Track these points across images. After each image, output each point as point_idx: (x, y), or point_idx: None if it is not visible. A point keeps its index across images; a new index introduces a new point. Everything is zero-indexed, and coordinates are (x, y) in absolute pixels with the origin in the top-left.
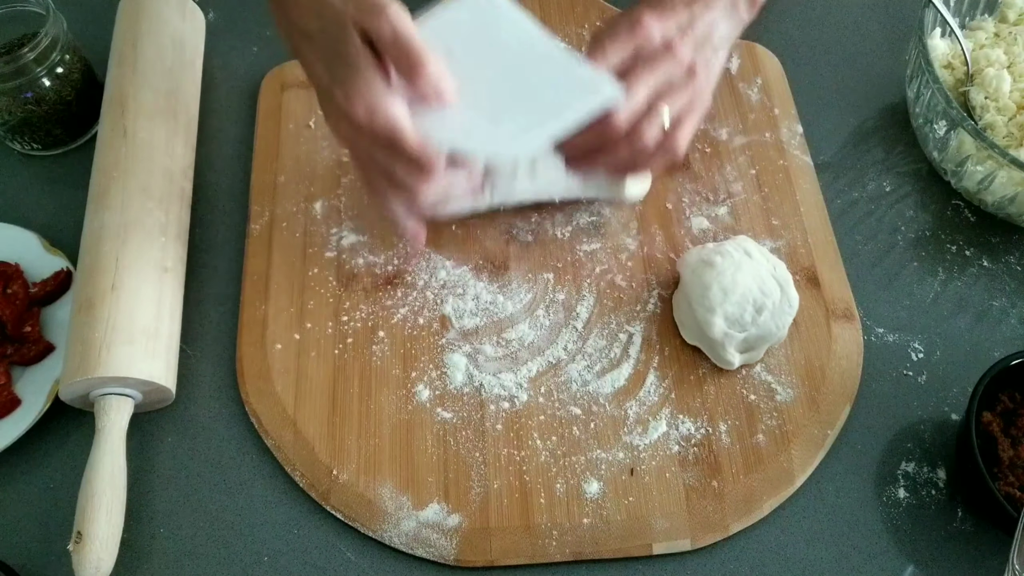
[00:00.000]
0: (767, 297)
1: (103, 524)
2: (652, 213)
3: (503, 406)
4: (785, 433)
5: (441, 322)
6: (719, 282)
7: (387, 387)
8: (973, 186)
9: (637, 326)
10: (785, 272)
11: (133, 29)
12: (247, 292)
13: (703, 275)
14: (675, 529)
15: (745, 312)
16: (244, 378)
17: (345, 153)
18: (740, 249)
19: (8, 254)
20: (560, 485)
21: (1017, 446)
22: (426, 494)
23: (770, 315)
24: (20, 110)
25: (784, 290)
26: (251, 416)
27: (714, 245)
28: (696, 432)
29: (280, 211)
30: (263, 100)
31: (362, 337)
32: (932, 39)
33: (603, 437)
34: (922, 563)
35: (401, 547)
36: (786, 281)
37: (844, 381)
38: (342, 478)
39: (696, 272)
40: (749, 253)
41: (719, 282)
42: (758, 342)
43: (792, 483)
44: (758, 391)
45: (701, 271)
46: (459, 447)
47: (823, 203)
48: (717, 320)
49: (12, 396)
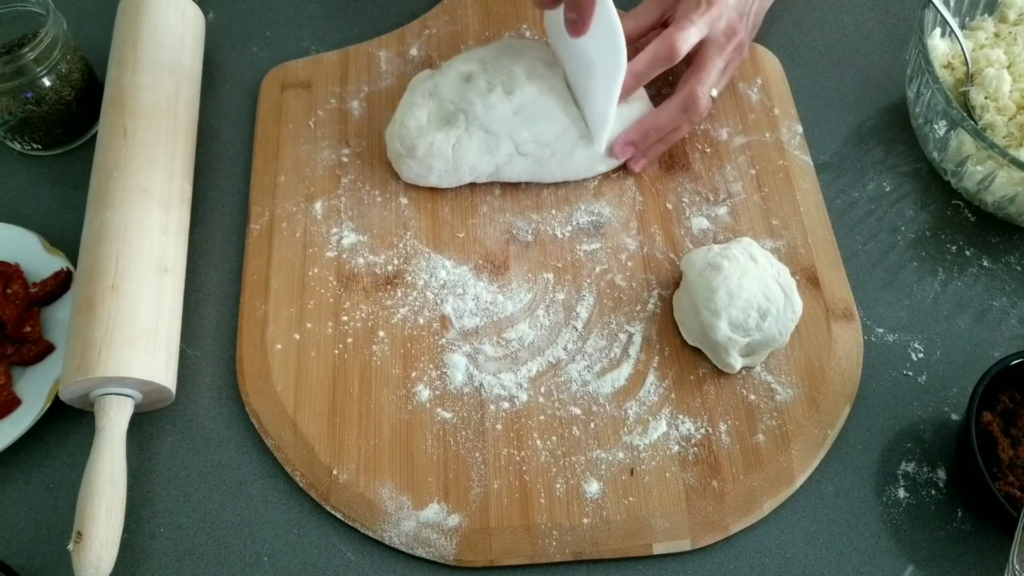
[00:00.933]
0: (771, 303)
1: (103, 524)
2: (652, 213)
3: (503, 406)
4: (785, 433)
5: (441, 322)
6: (725, 286)
7: (387, 387)
8: (973, 186)
9: (637, 326)
10: (789, 277)
11: (133, 29)
12: (247, 292)
13: (710, 279)
14: (675, 529)
15: (749, 317)
16: (244, 378)
17: (345, 153)
18: (745, 253)
19: (8, 254)
20: (560, 485)
21: (1017, 446)
22: (426, 494)
23: (774, 321)
24: (20, 110)
25: (788, 296)
26: (251, 416)
27: (719, 248)
28: (696, 432)
29: (280, 211)
30: (263, 100)
31: (362, 337)
32: (932, 39)
33: (603, 437)
34: (922, 563)
35: (401, 547)
36: (790, 287)
37: (844, 381)
38: (342, 478)
39: (703, 275)
40: (754, 258)
41: (725, 286)
42: (760, 347)
43: (792, 483)
44: (758, 391)
45: (708, 274)
46: (459, 447)
47: (823, 203)
48: (721, 324)
49: (12, 396)
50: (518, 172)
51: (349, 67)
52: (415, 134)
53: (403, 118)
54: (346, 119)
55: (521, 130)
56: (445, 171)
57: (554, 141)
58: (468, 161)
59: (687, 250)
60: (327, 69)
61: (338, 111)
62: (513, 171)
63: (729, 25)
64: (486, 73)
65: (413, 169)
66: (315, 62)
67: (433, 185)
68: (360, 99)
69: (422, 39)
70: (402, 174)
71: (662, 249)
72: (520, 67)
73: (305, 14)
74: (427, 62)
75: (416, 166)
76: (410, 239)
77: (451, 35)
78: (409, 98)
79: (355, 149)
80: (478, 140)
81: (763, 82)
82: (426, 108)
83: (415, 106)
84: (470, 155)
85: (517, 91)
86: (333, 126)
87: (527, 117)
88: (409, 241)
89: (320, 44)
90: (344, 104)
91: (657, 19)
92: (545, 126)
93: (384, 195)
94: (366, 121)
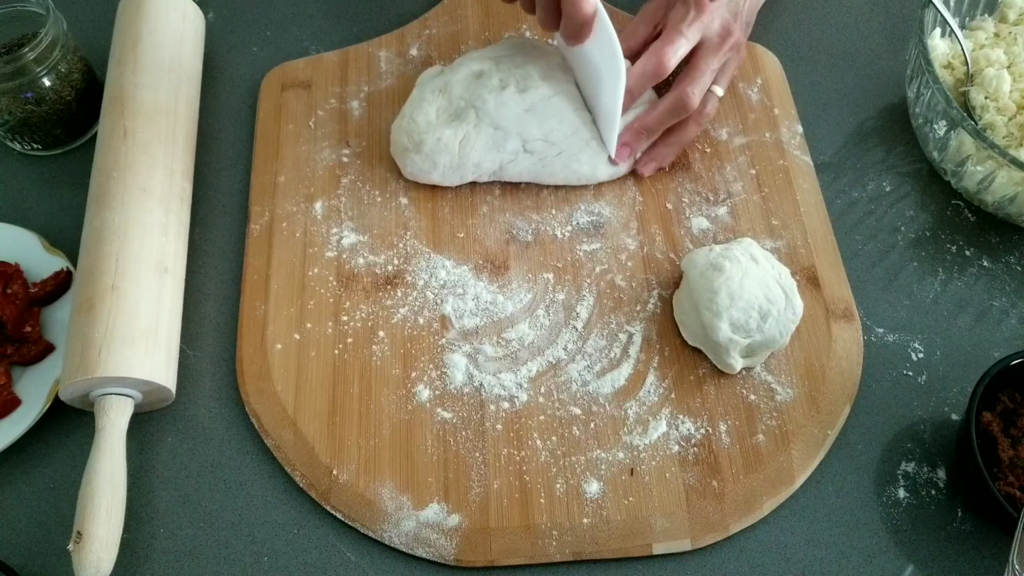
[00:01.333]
0: (772, 304)
1: (103, 524)
2: (652, 213)
3: (503, 406)
4: (785, 433)
5: (441, 322)
6: (727, 287)
7: (387, 387)
8: (973, 186)
9: (637, 326)
10: (790, 279)
11: (133, 29)
12: (247, 292)
13: (712, 279)
14: (675, 529)
15: (751, 318)
16: (244, 378)
17: (345, 153)
18: (747, 254)
19: (8, 254)
20: (560, 485)
21: (1017, 446)
22: (426, 494)
23: (775, 322)
24: (20, 110)
25: (789, 297)
26: (251, 416)
27: (721, 248)
28: (696, 432)
29: (280, 211)
30: (263, 100)
31: (362, 337)
32: (932, 39)
33: (603, 437)
34: (922, 563)
35: (401, 547)
36: (791, 288)
37: (844, 381)
38: (342, 478)
39: (704, 275)
40: (755, 259)
41: (727, 287)
42: (761, 348)
43: (792, 483)
44: (758, 391)
45: (709, 275)
46: (459, 447)
47: (823, 203)
48: (723, 325)
49: (12, 396)
50: (520, 171)
51: (349, 67)
52: (423, 129)
53: (412, 113)
54: (346, 119)
55: (531, 127)
56: (449, 167)
57: (562, 140)
58: (473, 157)
59: (687, 250)
60: (327, 69)
61: (338, 111)
62: (516, 170)
63: (723, 26)
64: (499, 71)
65: (417, 164)
66: (315, 62)
67: (435, 182)
68: (360, 99)
69: (422, 39)
70: (405, 170)
71: (662, 249)
72: (535, 67)
73: (305, 14)
74: (427, 62)
75: (421, 161)
76: (410, 239)
77: (451, 35)
78: (419, 94)
79: (355, 149)
80: (486, 136)
81: (763, 82)
82: (435, 104)
83: (424, 101)
84: (476, 151)
85: (531, 90)
86: (333, 126)
87: (539, 115)
88: (409, 241)
89: (320, 44)
90: (344, 104)
91: (650, 33)
92: (556, 125)
93: (384, 195)
94: (366, 121)
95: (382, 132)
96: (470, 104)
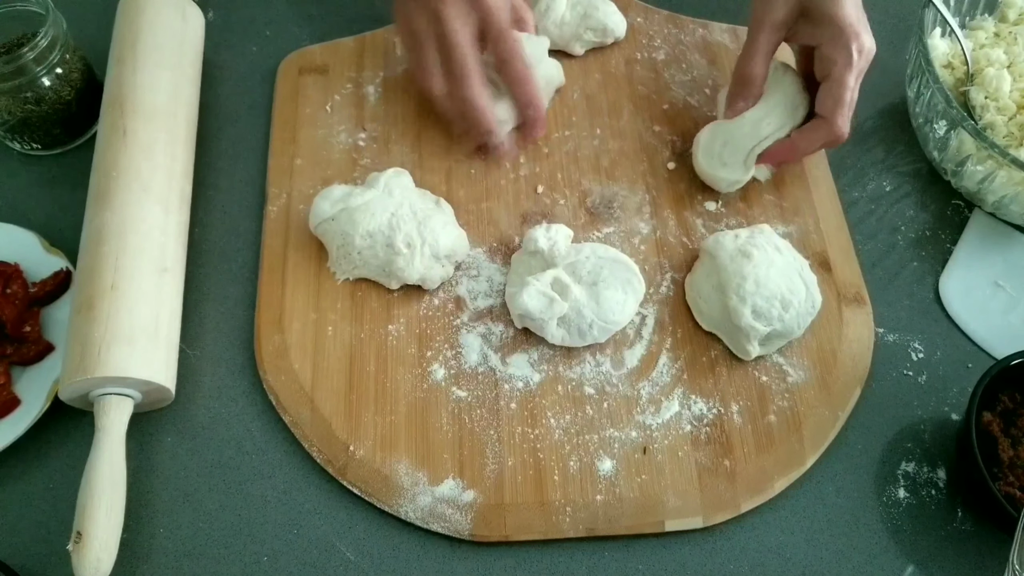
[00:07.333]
0: (794, 295)
1: (103, 524)
2: (665, 198)
3: (517, 385)
4: (796, 414)
5: (456, 303)
6: (755, 275)
7: (403, 366)
8: (973, 186)
9: (650, 308)
10: (810, 273)
11: (133, 29)
12: (265, 272)
13: (741, 265)
14: (687, 507)
15: (773, 308)
16: (262, 355)
17: (362, 137)
18: (771, 244)
19: (8, 254)
20: (574, 463)
21: (1017, 446)
22: (441, 470)
23: (795, 313)
24: (20, 110)
25: (809, 290)
26: (269, 393)
27: (747, 235)
28: (708, 412)
29: (297, 193)
30: (280, 84)
31: (378, 317)
32: (932, 39)
33: (616, 416)
34: (922, 563)
35: (417, 522)
36: (812, 282)
37: (855, 363)
38: (359, 454)
39: (735, 260)
40: (779, 249)
41: (755, 275)
42: (777, 338)
43: (803, 463)
44: (770, 373)
45: (739, 261)
46: (474, 425)
47: (835, 189)
48: (746, 311)
49: (12, 396)
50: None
51: (365, 53)
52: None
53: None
54: (362, 104)
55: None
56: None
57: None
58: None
59: (700, 235)
60: (343, 54)
61: (354, 95)
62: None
63: (869, 50)
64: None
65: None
66: (332, 48)
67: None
68: (376, 84)
69: None
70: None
71: (675, 233)
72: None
73: (304, 14)
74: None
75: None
76: None
77: None
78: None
79: (371, 133)
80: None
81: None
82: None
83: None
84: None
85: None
86: (349, 110)
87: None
88: None
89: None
90: (360, 89)
91: (775, 48)
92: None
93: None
94: (382, 105)
95: (397, 116)
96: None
